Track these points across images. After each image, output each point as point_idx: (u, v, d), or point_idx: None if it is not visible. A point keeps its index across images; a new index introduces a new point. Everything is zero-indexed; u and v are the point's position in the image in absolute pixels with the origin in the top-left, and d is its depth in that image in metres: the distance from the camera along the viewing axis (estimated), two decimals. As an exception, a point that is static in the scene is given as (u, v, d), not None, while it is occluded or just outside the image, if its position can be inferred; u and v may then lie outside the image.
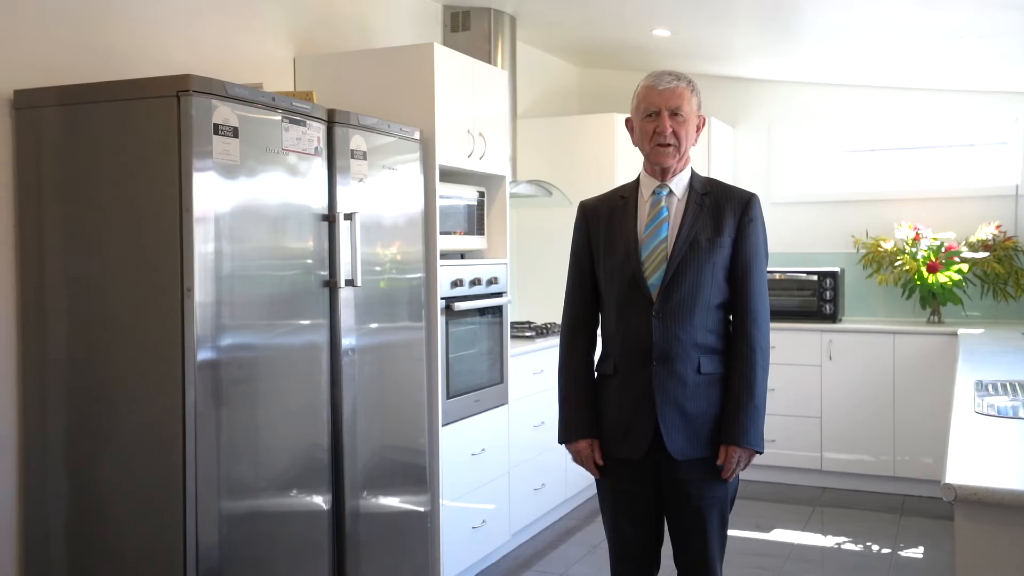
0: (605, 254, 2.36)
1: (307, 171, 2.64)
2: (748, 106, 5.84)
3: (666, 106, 2.27)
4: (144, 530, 2.32)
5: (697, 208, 2.30)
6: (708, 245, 2.26)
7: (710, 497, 2.29)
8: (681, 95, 2.28)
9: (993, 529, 1.69)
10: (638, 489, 2.33)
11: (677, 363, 2.25)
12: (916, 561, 4.01)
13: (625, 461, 2.32)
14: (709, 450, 2.27)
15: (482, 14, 4.45)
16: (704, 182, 2.37)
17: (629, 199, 2.37)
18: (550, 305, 5.00)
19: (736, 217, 2.30)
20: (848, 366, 5.06)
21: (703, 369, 2.26)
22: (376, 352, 2.96)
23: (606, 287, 2.37)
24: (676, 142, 2.28)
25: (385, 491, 3.01)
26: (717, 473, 2.28)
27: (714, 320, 2.29)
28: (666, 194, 2.32)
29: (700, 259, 2.26)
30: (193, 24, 3.13)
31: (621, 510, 2.38)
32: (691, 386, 2.25)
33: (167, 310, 2.26)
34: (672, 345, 2.24)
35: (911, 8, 3.85)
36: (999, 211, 5.26)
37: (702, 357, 2.26)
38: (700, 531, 2.30)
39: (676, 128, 2.28)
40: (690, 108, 2.30)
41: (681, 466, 2.27)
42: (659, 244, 2.28)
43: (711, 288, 2.26)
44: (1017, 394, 2.76)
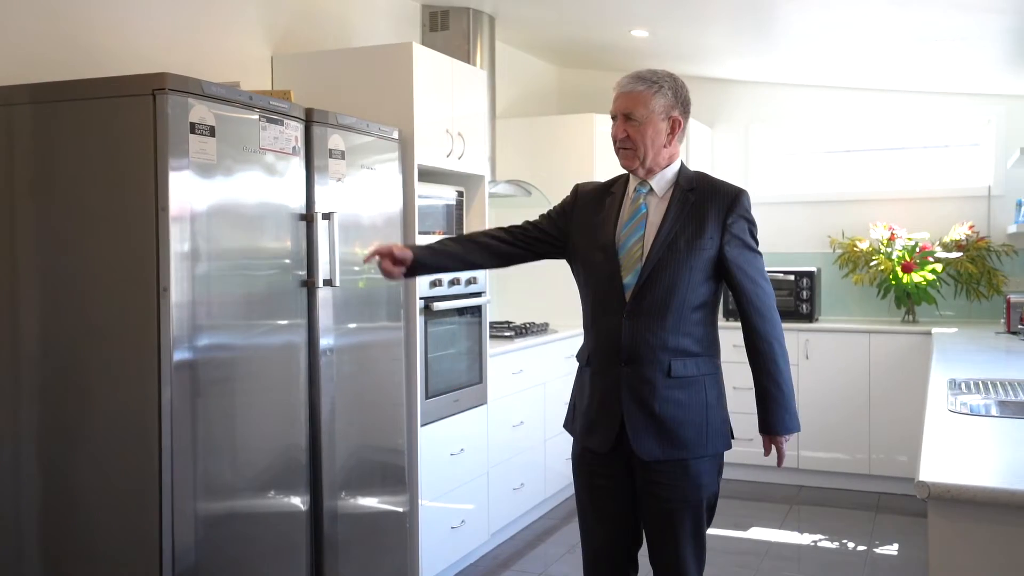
0: (585, 246, 2.33)
1: (285, 170, 2.63)
2: (726, 107, 5.87)
3: (620, 111, 2.25)
4: (120, 531, 2.30)
5: (679, 207, 2.26)
6: (687, 247, 2.23)
7: (682, 502, 2.26)
8: (636, 99, 2.23)
9: (966, 526, 1.71)
10: (613, 487, 2.32)
11: (645, 365, 2.22)
12: (891, 558, 4.05)
13: (600, 457, 2.32)
14: (682, 453, 2.24)
15: (461, 14, 4.45)
16: (692, 177, 2.32)
17: (616, 195, 2.35)
18: (529, 305, 5.02)
19: (720, 217, 2.26)
20: (824, 365, 5.10)
21: (674, 372, 2.23)
22: (354, 352, 2.95)
23: (584, 280, 2.35)
24: (632, 145, 2.25)
25: (363, 491, 3.00)
26: (692, 478, 2.25)
27: (691, 323, 2.25)
28: (646, 192, 2.29)
29: (678, 261, 2.22)
30: (169, 21, 3.11)
31: (596, 509, 2.37)
32: (660, 389, 2.22)
33: (143, 310, 2.24)
34: (640, 347, 2.22)
35: (886, 8, 3.88)
36: (972, 212, 5.33)
37: (673, 360, 2.23)
38: (672, 536, 2.28)
39: (631, 132, 2.24)
40: (647, 111, 2.23)
41: (654, 469, 2.25)
42: (635, 243, 2.25)
43: (688, 291, 2.23)
44: (989, 392, 2.80)
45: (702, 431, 2.26)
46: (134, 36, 2.96)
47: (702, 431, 2.26)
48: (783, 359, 2.29)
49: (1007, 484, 1.72)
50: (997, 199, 5.28)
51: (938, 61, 4.77)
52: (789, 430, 2.30)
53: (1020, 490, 1.67)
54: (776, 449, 2.33)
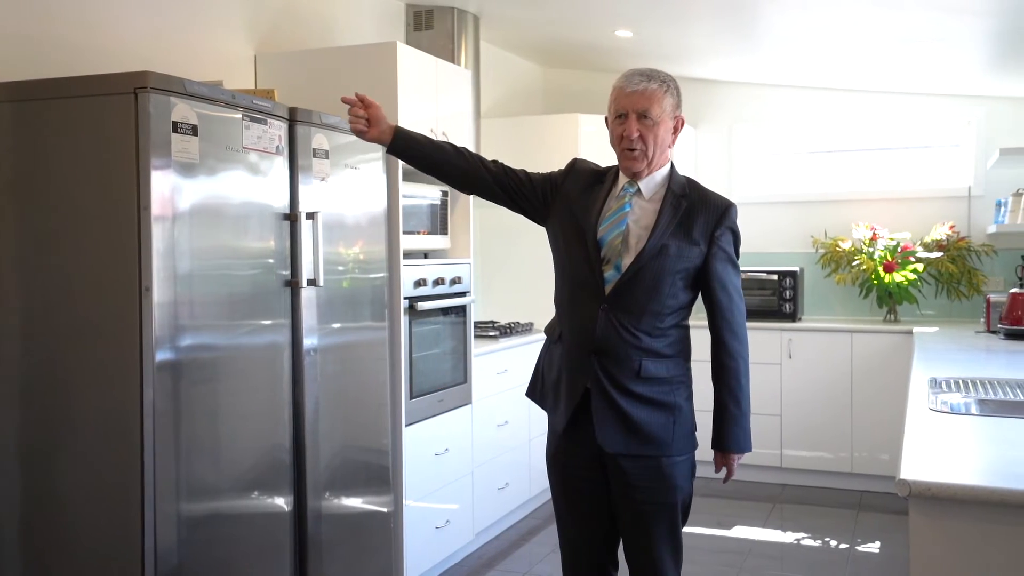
0: (569, 225, 2.32)
1: (268, 170, 2.62)
2: (709, 107, 5.90)
3: (634, 109, 2.21)
4: (102, 531, 2.28)
5: (672, 212, 2.25)
6: (677, 253, 2.23)
7: (657, 504, 2.26)
8: (651, 97, 2.21)
9: (946, 523, 1.73)
10: (587, 487, 2.33)
11: (617, 361, 2.23)
12: (873, 556, 4.08)
13: (574, 456, 2.32)
14: (648, 450, 2.25)
15: (445, 13, 4.44)
16: (683, 183, 2.31)
17: (606, 185, 2.33)
18: (514, 305, 5.01)
19: (709, 228, 2.26)
20: (807, 364, 5.13)
21: (644, 372, 2.23)
22: (339, 352, 2.94)
23: (562, 259, 2.35)
24: (643, 147, 2.22)
25: (348, 492, 2.99)
26: (666, 480, 2.26)
27: (665, 326, 2.26)
28: (633, 192, 2.29)
29: (665, 265, 2.22)
30: (151, 19, 3.08)
31: (572, 508, 2.38)
32: (629, 387, 2.23)
33: (125, 309, 2.23)
34: (614, 341, 2.22)
35: (867, 9, 3.91)
36: (952, 212, 5.37)
37: (644, 360, 2.23)
38: (647, 538, 2.28)
39: (644, 132, 2.21)
40: (661, 110, 2.21)
41: (627, 470, 2.25)
42: (615, 238, 2.25)
43: (668, 296, 2.24)
44: (970, 391, 2.82)
45: (669, 431, 2.26)
46: (116, 34, 2.94)
47: (669, 431, 2.26)
48: (746, 378, 2.31)
49: (987, 482, 1.73)
50: (977, 199, 5.33)
51: (919, 63, 4.81)
52: (742, 449, 2.31)
53: (1000, 488, 1.68)
54: (727, 466, 2.33)
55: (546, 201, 2.38)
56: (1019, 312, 4.42)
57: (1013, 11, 3.73)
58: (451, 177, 2.41)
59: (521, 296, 4.95)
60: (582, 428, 2.28)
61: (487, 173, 2.39)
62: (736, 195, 5.78)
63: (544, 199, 2.39)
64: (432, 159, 2.38)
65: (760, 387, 5.12)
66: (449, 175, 2.41)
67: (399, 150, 2.37)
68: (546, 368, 2.41)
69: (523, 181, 2.41)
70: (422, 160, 2.38)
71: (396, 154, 2.39)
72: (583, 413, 2.27)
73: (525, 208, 2.43)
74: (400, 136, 2.35)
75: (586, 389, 2.26)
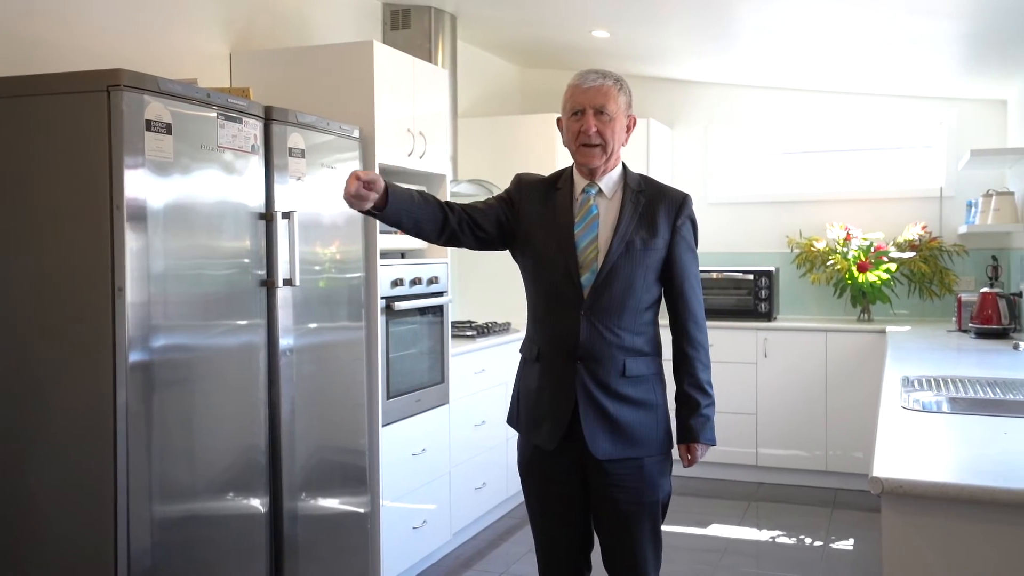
0: (538, 240, 2.29)
1: (244, 169, 2.60)
2: (685, 107, 5.92)
3: (590, 104, 2.23)
4: (74, 535, 2.25)
5: (632, 208, 2.27)
6: (643, 247, 2.24)
7: (640, 504, 2.26)
8: (607, 93, 2.23)
9: (918, 520, 1.75)
10: (565, 491, 2.31)
11: (602, 363, 2.23)
12: (847, 553, 4.12)
13: (550, 460, 2.30)
14: (635, 452, 2.25)
15: (422, 12, 4.43)
16: (638, 179, 2.33)
17: (564, 191, 2.32)
18: (491, 304, 5.02)
19: (670, 219, 2.28)
20: (782, 364, 5.17)
21: (628, 372, 2.24)
22: (315, 352, 2.93)
23: (534, 274, 2.32)
24: (601, 142, 2.23)
25: (324, 492, 2.98)
26: (648, 480, 2.26)
27: (642, 323, 2.27)
28: (595, 193, 2.29)
29: (634, 261, 2.24)
30: (125, 16, 3.05)
31: (548, 513, 2.36)
32: (615, 388, 2.23)
33: (97, 310, 2.20)
34: (598, 345, 2.22)
35: (840, 9, 3.95)
36: (925, 212, 5.44)
37: (628, 359, 2.24)
38: (631, 539, 2.28)
39: (601, 128, 2.23)
40: (616, 107, 2.24)
41: (609, 472, 2.25)
42: (590, 243, 2.25)
43: (642, 291, 2.25)
44: (941, 389, 2.86)
45: (652, 430, 2.28)
46: (88, 31, 2.91)
47: (652, 430, 2.28)
48: (709, 369, 2.32)
49: (957, 479, 1.76)
50: (948, 200, 5.39)
51: (892, 64, 4.86)
52: (709, 440, 2.31)
53: (970, 485, 1.71)
54: (691, 457, 2.30)
55: (507, 223, 2.32)
56: (989, 311, 4.49)
57: (983, 13, 3.78)
58: (428, 234, 2.23)
59: (498, 296, 4.95)
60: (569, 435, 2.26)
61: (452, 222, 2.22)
62: (712, 195, 5.82)
63: (505, 222, 2.31)
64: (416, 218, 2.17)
65: (736, 386, 5.23)
66: (426, 233, 2.23)
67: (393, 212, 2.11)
68: (524, 389, 2.38)
69: (482, 214, 2.28)
70: (409, 221, 2.16)
71: (387, 217, 2.12)
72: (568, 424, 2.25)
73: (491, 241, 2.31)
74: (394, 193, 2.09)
75: (574, 400, 2.23)
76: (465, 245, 2.31)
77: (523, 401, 2.37)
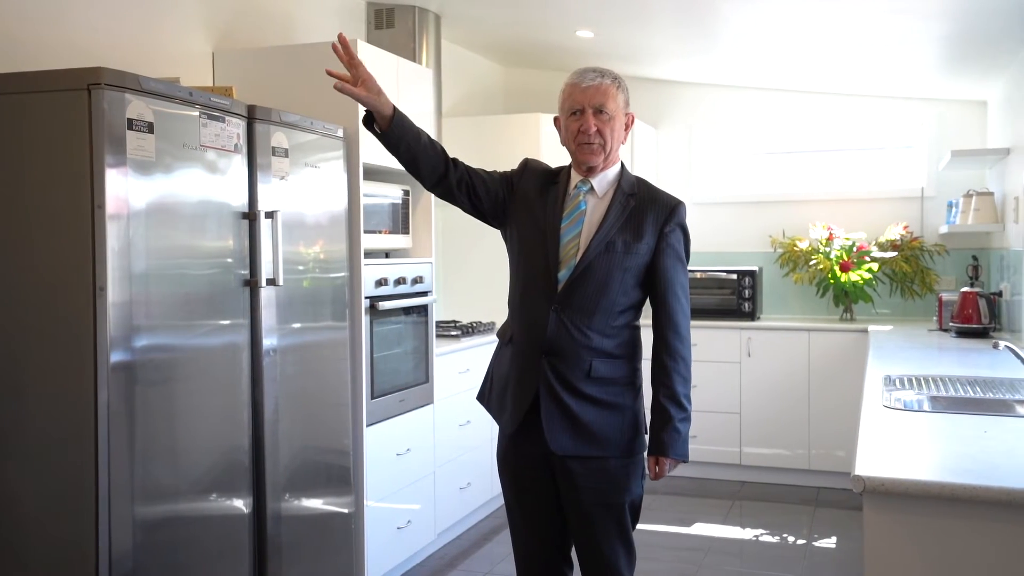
0: (526, 227, 2.31)
1: (227, 168, 2.59)
2: (670, 107, 5.94)
3: (590, 104, 2.23)
4: (54, 536, 2.23)
5: (620, 209, 2.26)
6: (624, 249, 2.23)
7: (604, 504, 2.25)
8: (606, 92, 2.24)
9: (899, 518, 1.76)
10: (537, 488, 2.32)
11: (567, 361, 2.22)
12: (829, 551, 4.15)
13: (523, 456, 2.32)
14: (597, 450, 2.24)
15: (406, 12, 4.43)
16: (633, 182, 2.32)
17: (560, 185, 2.33)
18: (476, 304, 5.01)
19: (659, 224, 2.26)
20: (766, 363, 5.20)
21: (594, 373, 2.22)
22: (299, 352, 2.92)
23: (517, 260, 2.34)
24: (601, 141, 2.24)
25: (308, 493, 2.97)
26: (612, 481, 2.25)
27: (615, 326, 2.25)
28: (586, 190, 2.29)
29: (613, 262, 2.22)
30: (107, 15, 3.03)
31: (522, 509, 2.37)
32: (579, 387, 2.22)
33: (79, 310, 2.18)
34: (565, 342, 2.22)
35: (822, 9, 3.97)
36: (906, 212, 5.48)
37: (595, 360, 2.23)
38: (598, 539, 2.27)
39: (601, 126, 2.24)
40: (616, 105, 2.25)
41: (574, 471, 2.25)
42: (572, 239, 2.25)
43: (618, 293, 2.23)
44: (922, 388, 2.88)
45: (617, 431, 2.26)
46: (69, 29, 2.88)
47: (617, 431, 2.26)
48: (687, 381, 2.27)
49: (938, 477, 1.77)
50: (930, 200, 5.44)
51: (874, 65, 4.90)
52: (678, 455, 2.24)
53: (950, 483, 1.72)
54: (658, 470, 2.26)
55: (504, 202, 2.36)
56: (970, 311, 4.53)
57: (963, 14, 3.81)
58: (425, 178, 2.30)
59: (483, 296, 4.95)
60: (532, 429, 2.27)
61: (452, 177, 2.31)
62: (696, 195, 5.84)
63: (503, 200, 2.37)
64: (416, 156, 2.25)
65: (719, 385, 5.25)
66: (424, 176, 2.29)
67: (394, 137, 2.20)
68: (496, 371, 2.40)
69: (484, 183, 2.35)
70: (407, 154, 2.24)
71: (386, 139, 2.22)
72: (533, 415, 2.26)
73: (484, 211, 2.38)
74: (399, 122, 2.19)
75: (536, 391, 2.25)
76: (458, 205, 2.36)
77: (495, 384, 2.39)
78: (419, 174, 2.30)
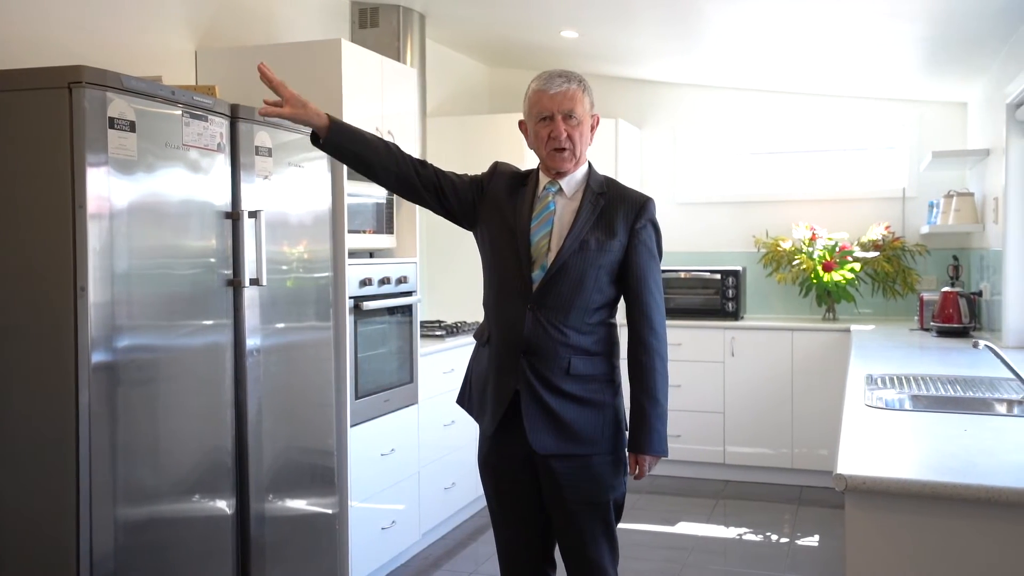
0: (496, 229, 2.32)
1: (210, 167, 2.57)
2: (654, 108, 5.96)
3: (559, 110, 2.24)
4: (35, 539, 2.22)
5: (591, 208, 2.27)
6: (597, 247, 2.23)
7: (589, 503, 2.26)
8: (573, 97, 2.25)
9: (880, 516, 1.77)
10: (519, 489, 2.33)
11: (545, 360, 2.23)
12: (812, 549, 4.17)
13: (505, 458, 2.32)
14: (578, 448, 2.24)
15: (391, 11, 4.42)
16: (602, 181, 2.33)
17: (528, 187, 2.34)
18: (461, 304, 5.01)
19: (629, 221, 2.27)
20: (749, 362, 5.22)
21: (573, 370, 2.23)
22: (282, 352, 2.91)
23: (490, 262, 2.35)
24: (571, 146, 2.26)
25: (292, 493, 2.96)
26: (596, 479, 2.25)
27: (592, 323, 2.26)
28: (555, 191, 2.30)
29: (587, 260, 2.23)
30: (88, 12, 3.01)
31: (505, 510, 2.38)
32: (558, 385, 2.23)
33: (59, 310, 2.17)
34: (543, 340, 2.22)
35: (804, 9, 3.99)
36: (888, 213, 5.52)
37: (573, 357, 2.23)
38: (580, 537, 2.27)
39: (571, 132, 2.25)
40: (583, 110, 2.26)
41: (556, 470, 2.25)
42: (542, 239, 2.26)
43: (593, 291, 2.24)
44: (904, 387, 2.91)
45: (599, 429, 2.26)
46: (50, 27, 2.86)
47: (599, 429, 2.26)
48: (663, 377, 2.27)
49: (919, 475, 1.79)
50: (911, 200, 5.48)
51: (856, 66, 4.93)
52: (656, 452, 2.25)
53: (931, 481, 1.73)
54: (639, 467, 2.27)
55: (474, 205, 2.37)
56: (950, 310, 4.56)
57: (944, 16, 3.84)
58: (381, 179, 2.33)
59: (467, 296, 4.92)
60: (512, 430, 2.27)
61: (417, 178, 2.33)
62: (680, 195, 5.86)
63: (473, 203, 2.37)
64: (364, 158, 2.28)
65: (703, 385, 5.27)
66: (379, 177, 2.31)
67: (334, 143, 2.25)
68: (474, 372, 2.40)
69: (453, 185, 2.37)
70: (354, 159, 2.28)
71: (329, 147, 2.25)
72: (513, 415, 2.27)
73: (453, 212, 2.39)
74: (336, 129, 2.23)
75: (515, 392, 2.25)
76: (427, 207, 2.39)
77: (474, 385, 2.40)
78: (375, 177, 2.32)
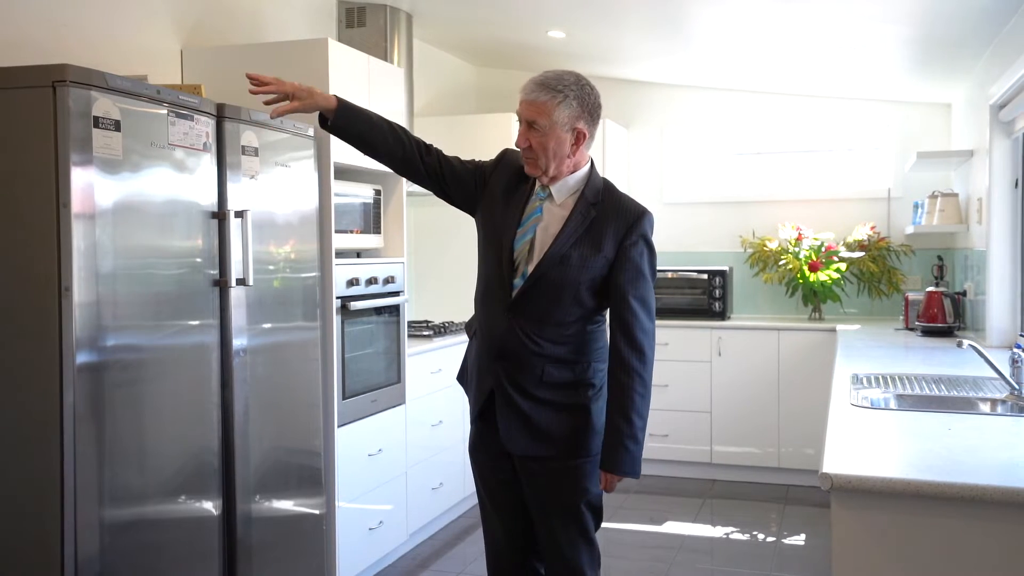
0: (488, 221, 2.32)
1: (195, 167, 2.56)
2: (641, 108, 5.97)
3: (524, 117, 2.20)
4: (18, 540, 2.20)
5: (580, 219, 2.20)
6: (580, 263, 2.18)
7: (563, 504, 2.26)
8: (539, 108, 2.16)
9: (866, 514, 1.78)
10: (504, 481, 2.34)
11: (520, 367, 2.22)
12: (798, 548, 4.19)
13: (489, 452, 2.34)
14: (554, 451, 2.23)
15: (378, 10, 4.41)
16: (599, 190, 2.25)
17: (527, 187, 2.30)
18: (448, 304, 5.00)
19: (618, 237, 2.19)
20: (736, 362, 5.24)
21: (547, 378, 2.21)
22: (269, 353, 2.90)
23: (483, 255, 2.34)
24: (534, 156, 2.20)
25: (279, 494, 2.95)
26: (572, 482, 2.24)
27: (568, 334, 2.22)
28: (544, 197, 2.26)
29: (567, 274, 2.18)
30: (72, 11, 2.99)
31: (492, 501, 2.39)
32: (532, 391, 2.22)
33: (44, 310, 2.15)
34: (518, 349, 2.21)
35: (791, 10, 4.01)
36: (873, 213, 5.55)
37: (548, 366, 2.21)
38: (556, 538, 2.27)
39: (533, 140, 2.18)
40: (549, 121, 2.15)
41: (533, 471, 2.26)
42: (524, 244, 2.23)
43: (571, 304, 2.20)
44: (889, 387, 2.92)
45: (574, 432, 2.24)
46: (33, 25, 2.84)
47: (574, 432, 2.24)
48: (643, 398, 2.18)
49: (903, 474, 1.80)
50: (896, 201, 5.51)
51: (842, 67, 4.96)
52: (624, 472, 2.18)
53: (915, 480, 1.75)
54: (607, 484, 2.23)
55: (477, 192, 2.36)
56: (935, 310, 4.60)
57: (928, 18, 3.87)
58: (385, 162, 2.36)
59: (455, 295, 4.94)
60: (492, 425, 2.29)
61: (420, 163, 2.34)
62: (667, 195, 5.88)
63: (474, 191, 2.37)
64: (369, 141, 2.30)
65: (690, 385, 5.28)
66: (383, 159, 2.34)
67: (340, 126, 2.26)
68: (469, 358, 2.45)
69: (455, 172, 2.36)
70: (359, 140, 2.29)
71: (336, 129, 2.27)
72: (492, 411, 2.29)
73: (454, 198, 2.40)
74: (344, 111, 2.24)
75: (491, 391, 2.27)
76: (430, 190, 2.40)
77: (469, 368, 2.43)
78: (379, 158, 2.36)
